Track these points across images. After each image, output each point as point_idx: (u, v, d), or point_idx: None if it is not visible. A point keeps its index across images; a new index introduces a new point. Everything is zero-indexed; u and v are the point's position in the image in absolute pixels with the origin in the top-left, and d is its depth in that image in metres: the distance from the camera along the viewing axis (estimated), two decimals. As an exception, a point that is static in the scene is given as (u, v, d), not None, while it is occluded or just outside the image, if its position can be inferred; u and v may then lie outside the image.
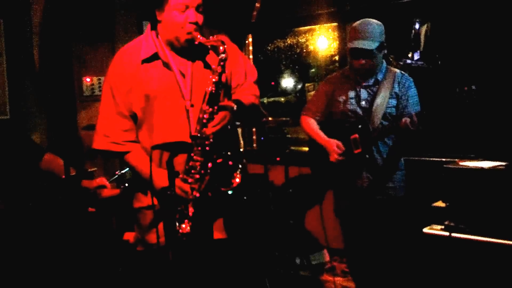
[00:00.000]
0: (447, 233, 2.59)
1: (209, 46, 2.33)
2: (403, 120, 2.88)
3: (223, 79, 2.26)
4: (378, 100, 3.09)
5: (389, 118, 3.08)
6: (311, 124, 3.35)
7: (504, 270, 2.41)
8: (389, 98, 3.10)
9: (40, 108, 4.07)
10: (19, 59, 3.96)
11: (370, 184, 3.13)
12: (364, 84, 3.16)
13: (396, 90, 3.12)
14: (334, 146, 3.15)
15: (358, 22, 3.09)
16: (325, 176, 3.32)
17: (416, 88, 3.16)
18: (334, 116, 3.27)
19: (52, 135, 4.09)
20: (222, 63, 2.24)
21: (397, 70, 3.21)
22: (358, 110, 3.15)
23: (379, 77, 3.14)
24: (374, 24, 3.04)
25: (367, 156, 3.09)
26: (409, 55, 4.14)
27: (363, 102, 3.14)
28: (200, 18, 2.26)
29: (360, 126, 3.09)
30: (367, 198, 3.14)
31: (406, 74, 3.20)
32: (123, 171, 3.72)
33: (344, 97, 3.20)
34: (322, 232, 3.97)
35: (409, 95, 3.11)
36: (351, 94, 3.18)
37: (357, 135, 3.09)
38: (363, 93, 3.15)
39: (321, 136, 3.26)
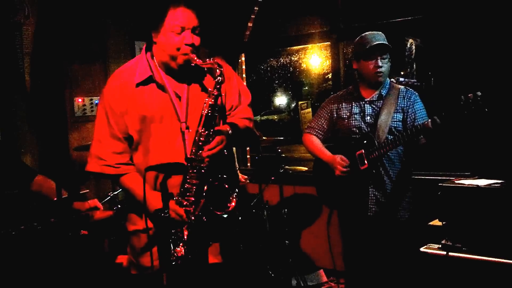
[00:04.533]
0: (444, 252, 2.56)
1: (205, 69, 2.32)
2: (426, 122, 2.82)
3: (219, 101, 2.25)
4: (383, 115, 3.09)
5: (395, 132, 3.05)
6: (314, 142, 3.33)
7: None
8: (394, 112, 3.09)
9: (31, 129, 4.03)
10: (10, 80, 3.94)
11: (376, 201, 3.10)
12: (368, 99, 3.17)
13: (402, 104, 3.11)
14: (338, 159, 3.14)
15: (362, 35, 3.15)
16: (331, 195, 3.29)
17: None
18: (339, 133, 3.26)
19: (43, 157, 4.05)
20: (218, 86, 2.23)
21: (401, 86, 3.21)
22: (363, 125, 3.14)
23: (383, 92, 3.15)
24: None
25: (373, 171, 3.06)
26: (402, 73, 4.17)
27: (368, 118, 3.14)
28: (196, 40, 2.25)
29: (365, 142, 3.08)
30: (372, 217, 3.11)
31: (411, 89, 3.20)
32: (115, 193, 3.69)
33: (348, 113, 3.20)
34: (318, 252, 3.96)
35: (416, 108, 3.10)
36: (356, 109, 3.18)
37: (362, 151, 3.07)
38: (368, 109, 3.15)
39: (325, 152, 3.25)
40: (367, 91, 3.19)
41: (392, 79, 3.38)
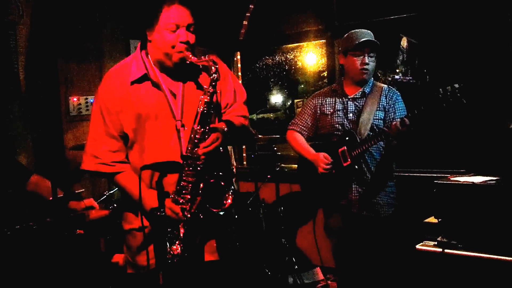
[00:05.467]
0: (440, 250, 2.57)
1: (200, 66, 2.32)
2: (393, 123, 2.85)
3: (214, 99, 2.24)
4: (365, 112, 3.12)
5: (376, 130, 3.09)
6: (297, 139, 3.34)
7: (497, 286, 2.39)
8: (376, 110, 3.12)
9: (26, 128, 4.02)
10: (4, 79, 3.92)
11: (360, 197, 3.11)
12: (351, 96, 3.18)
13: (384, 103, 3.15)
14: (321, 157, 3.14)
15: (351, 31, 3.17)
16: (315, 192, 3.29)
17: (405, 103, 3.18)
18: (322, 130, 3.27)
19: (39, 156, 4.04)
20: (213, 83, 2.23)
21: (384, 85, 3.25)
22: (346, 122, 3.16)
23: (366, 90, 3.18)
24: None
25: (356, 167, 3.08)
26: (397, 71, 4.17)
27: (350, 115, 3.16)
28: (191, 38, 2.25)
29: (347, 138, 3.10)
30: (356, 214, 3.12)
31: (393, 88, 3.24)
32: (111, 192, 3.68)
33: (331, 110, 3.22)
34: (315, 250, 3.96)
35: (396, 108, 3.14)
36: (339, 106, 3.20)
37: (345, 147, 3.09)
38: (351, 106, 3.18)
39: (308, 150, 3.25)
40: (351, 88, 3.21)
41: (388, 77, 3.40)
